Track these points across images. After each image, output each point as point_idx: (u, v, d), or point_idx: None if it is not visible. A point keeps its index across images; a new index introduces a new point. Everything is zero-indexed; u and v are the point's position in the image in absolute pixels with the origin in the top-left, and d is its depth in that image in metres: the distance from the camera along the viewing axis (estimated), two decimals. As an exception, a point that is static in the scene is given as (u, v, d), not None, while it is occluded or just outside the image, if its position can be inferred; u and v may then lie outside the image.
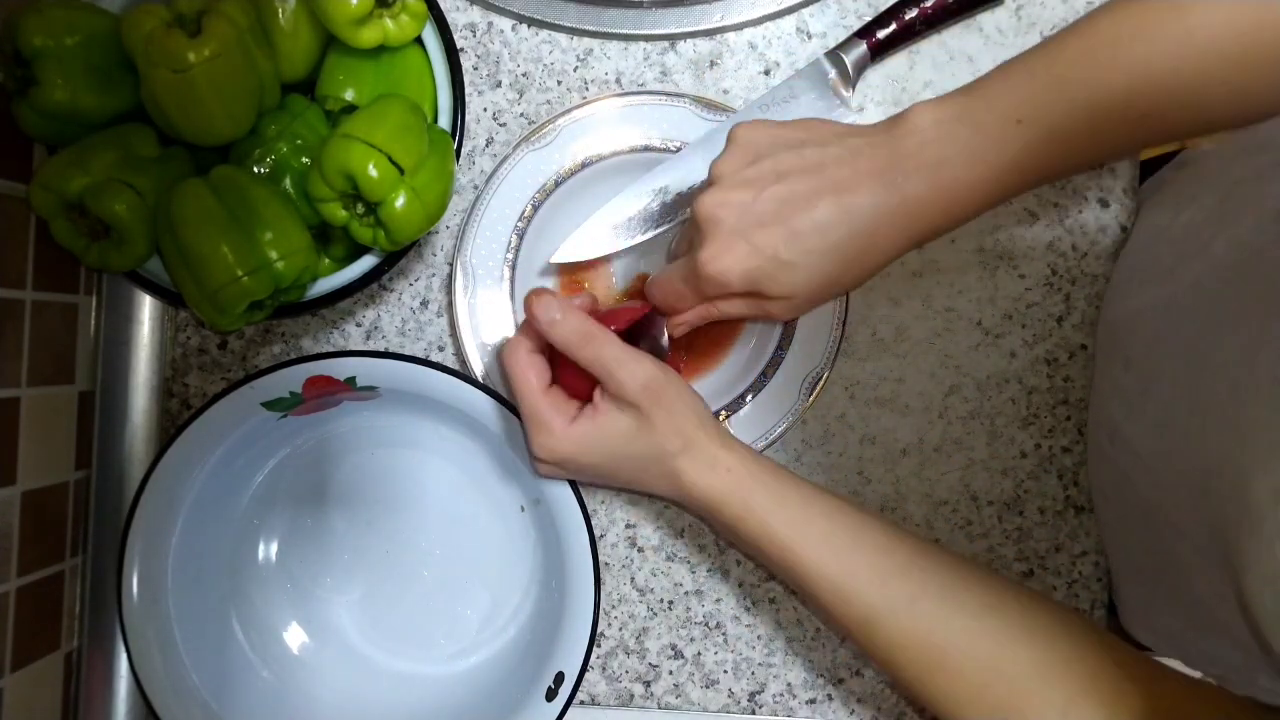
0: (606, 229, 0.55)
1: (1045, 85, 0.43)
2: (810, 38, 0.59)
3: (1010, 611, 0.46)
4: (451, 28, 0.51)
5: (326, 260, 0.54)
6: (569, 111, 0.56)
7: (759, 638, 0.61)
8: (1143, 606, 0.57)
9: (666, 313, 0.51)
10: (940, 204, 0.43)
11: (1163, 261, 0.53)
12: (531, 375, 0.49)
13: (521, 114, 0.60)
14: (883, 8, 0.57)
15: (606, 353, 0.47)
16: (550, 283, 0.60)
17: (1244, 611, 0.37)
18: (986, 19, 0.59)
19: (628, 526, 0.61)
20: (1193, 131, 0.45)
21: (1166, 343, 0.50)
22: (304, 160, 0.51)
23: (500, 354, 0.50)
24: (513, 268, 0.57)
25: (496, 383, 0.57)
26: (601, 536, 0.60)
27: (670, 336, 0.52)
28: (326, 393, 0.54)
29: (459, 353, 0.59)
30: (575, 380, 0.50)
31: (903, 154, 0.43)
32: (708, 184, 0.46)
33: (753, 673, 0.61)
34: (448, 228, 0.60)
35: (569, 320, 0.47)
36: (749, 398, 0.57)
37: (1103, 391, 0.57)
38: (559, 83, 0.59)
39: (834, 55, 0.56)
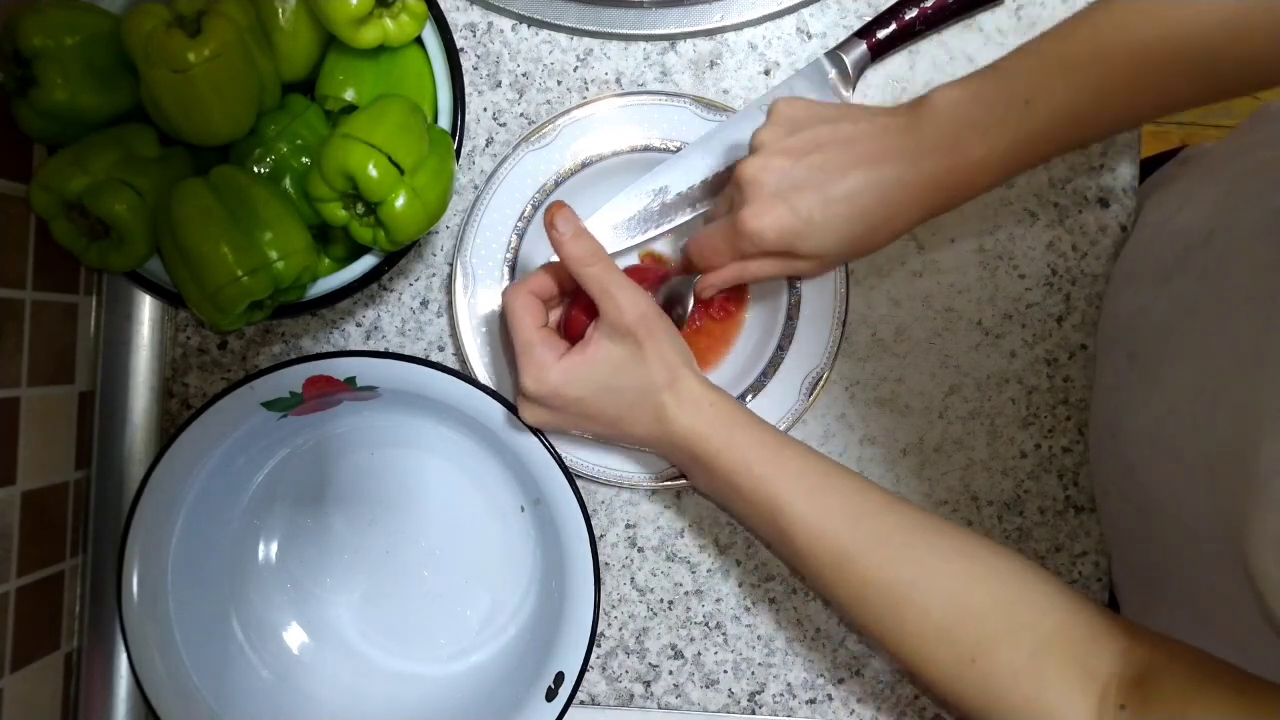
0: (606, 229, 0.55)
1: (1054, 68, 0.46)
2: (810, 38, 0.59)
3: (980, 556, 0.47)
4: (451, 28, 0.52)
5: (326, 260, 0.54)
6: (569, 111, 0.56)
7: (759, 638, 0.61)
8: (1142, 605, 0.57)
9: (703, 269, 0.52)
10: (955, 178, 0.47)
11: (1167, 256, 0.54)
12: (527, 315, 0.51)
13: (521, 114, 0.60)
14: (883, 8, 0.57)
15: (611, 276, 0.49)
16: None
17: (1249, 581, 0.38)
18: (986, 19, 0.59)
19: (628, 526, 0.61)
20: (1200, 103, 0.47)
21: (1173, 335, 0.50)
22: (304, 160, 0.51)
23: (504, 293, 0.52)
24: (512, 268, 0.57)
25: (496, 381, 0.57)
26: (601, 536, 0.60)
27: (697, 299, 0.53)
28: (326, 393, 0.54)
29: (459, 353, 0.59)
30: (579, 329, 0.51)
31: (923, 133, 0.47)
32: (750, 151, 0.49)
33: (753, 673, 0.61)
34: (448, 228, 0.60)
35: (584, 239, 0.49)
36: (749, 398, 0.57)
37: (1105, 387, 0.57)
38: (559, 83, 0.59)
39: (834, 55, 0.56)
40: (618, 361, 0.49)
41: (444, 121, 0.51)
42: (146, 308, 0.59)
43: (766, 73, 0.59)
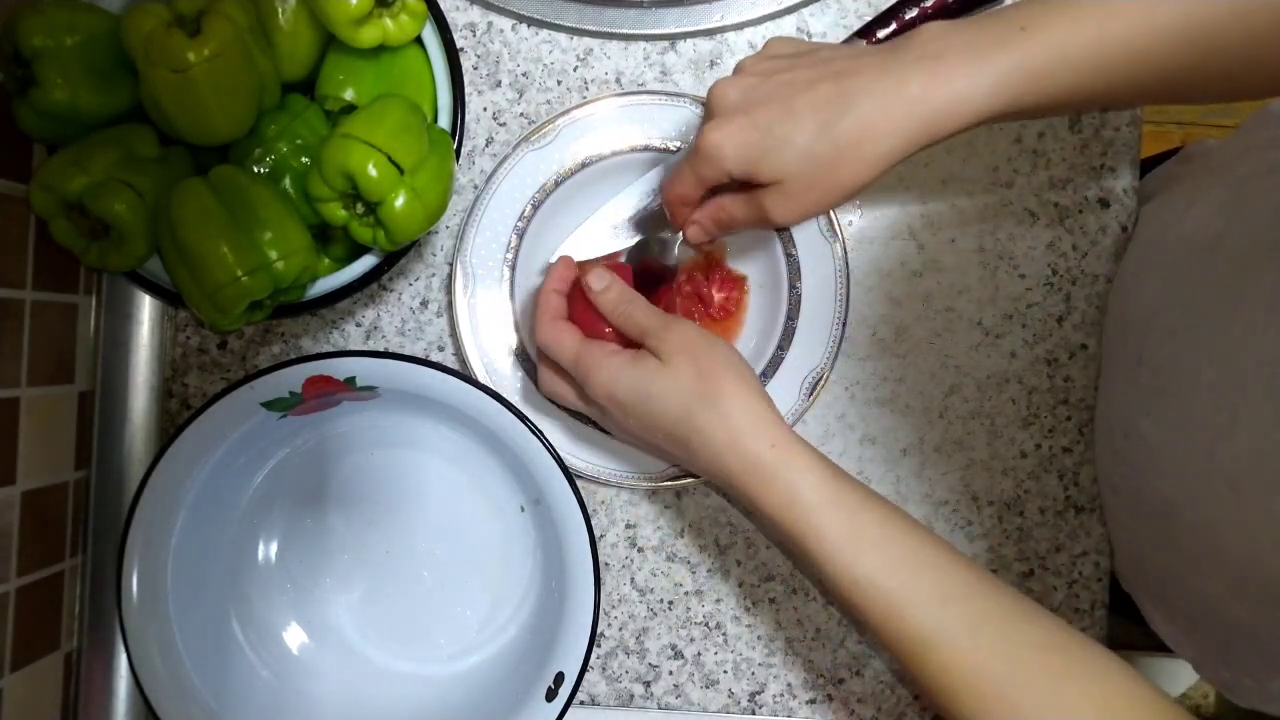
0: (606, 229, 0.55)
1: (1057, 4, 0.42)
2: (810, 37, 0.59)
3: (1073, 650, 0.44)
4: (451, 27, 0.51)
5: (326, 260, 0.54)
6: (569, 111, 0.56)
7: (759, 638, 0.61)
8: (1152, 600, 0.57)
9: (674, 205, 0.50)
10: (938, 98, 0.42)
11: (1173, 257, 0.53)
12: (568, 336, 0.51)
13: (521, 114, 0.60)
14: (883, 8, 0.57)
15: (643, 318, 0.49)
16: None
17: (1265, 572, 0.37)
18: (986, 19, 0.59)
19: (628, 526, 0.61)
20: (1198, 90, 0.44)
21: (1184, 341, 0.49)
22: (304, 160, 0.51)
23: (535, 329, 0.52)
24: (512, 268, 0.57)
25: (497, 384, 0.57)
26: (601, 536, 0.60)
27: (688, 240, 0.51)
28: (326, 393, 0.54)
29: (459, 353, 0.59)
30: (590, 323, 0.52)
31: (905, 51, 0.44)
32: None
33: (753, 673, 0.61)
34: (447, 228, 0.60)
35: (615, 288, 0.51)
36: (749, 398, 0.57)
37: (1114, 388, 0.57)
38: (559, 82, 0.59)
39: None
40: (661, 382, 0.48)
41: (444, 121, 0.51)
42: (146, 308, 0.59)
43: (766, 73, 0.59)
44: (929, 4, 0.56)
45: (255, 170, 0.51)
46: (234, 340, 0.60)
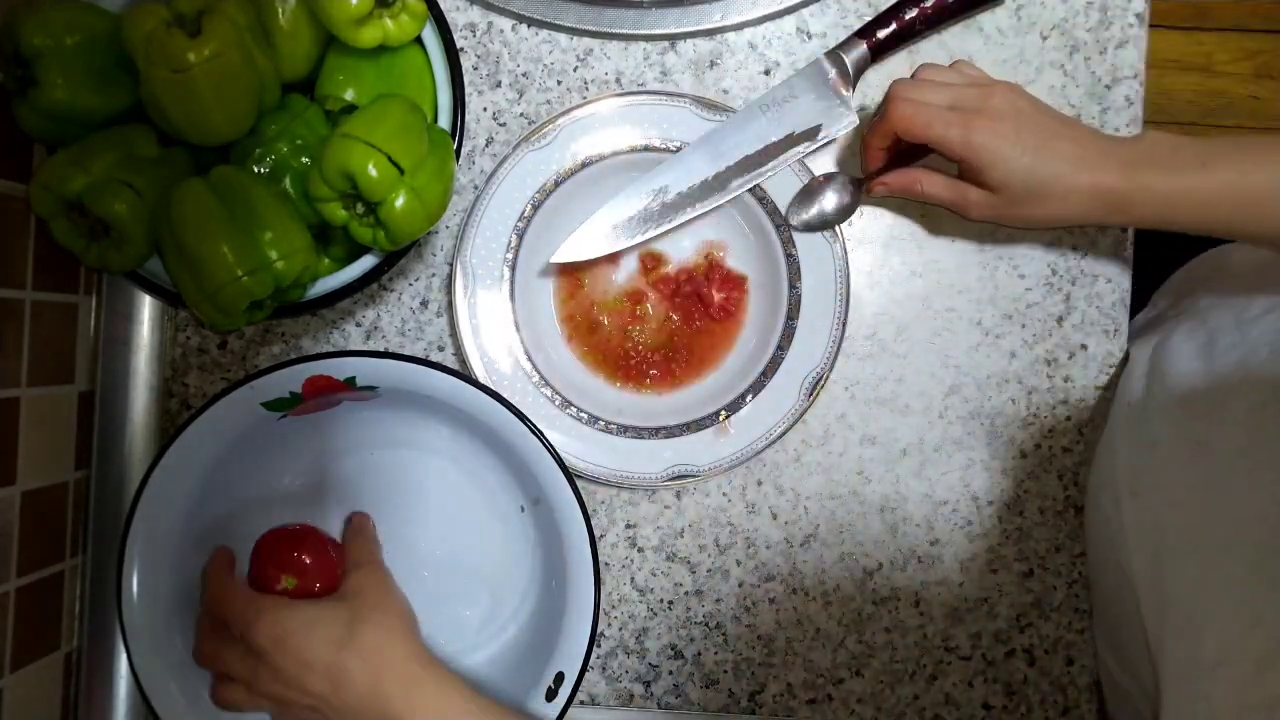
0: (606, 229, 0.55)
1: (1239, 151, 0.50)
2: (810, 38, 0.59)
3: None
4: (451, 27, 0.51)
5: (326, 260, 0.54)
6: (569, 111, 0.56)
7: (759, 638, 0.61)
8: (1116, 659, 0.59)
9: (873, 151, 0.56)
10: (1125, 193, 0.50)
11: (1193, 405, 0.55)
12: (236, 590, 0.53)
13: (521, 114, 0.60)
14: (883, 8, 0.57)
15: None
16: (550, 283, 0.60)
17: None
18: (986, 19, 0.59)
19: (628, 526, 0.61)
20: None
21: (1182, 484, 0.52)
22: (304, 160, 0.51)
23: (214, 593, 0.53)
24: (512, 268, 0.57)
25: (497, 384, 0.57)
26: (601, 536, 0.60)
27: (868, 192, 0.57)
28: (326, 393, 0.54)
29: (459, 353, 0.59)
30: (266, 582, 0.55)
31: (1120, 145, 0.51)
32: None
33: (753, 673, 0.61)
34: (447, 228, 0.60)
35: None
36: (749, 398, 0.57)
37: (1118, 462, 0.58)
38: (559, 83, 0.59)
39: (834, 55, 0.56)
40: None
41: (444, 121, 0.51)
42: (146, 308, 0.59)
43: (766, 73, 0.59)
44: (929, 4, 0.56)
45: (255, 170, 0.51)
46: (234, 340, 0.60)
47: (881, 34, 0.56)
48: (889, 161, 0.56)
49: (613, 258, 0.59)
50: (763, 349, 0.58)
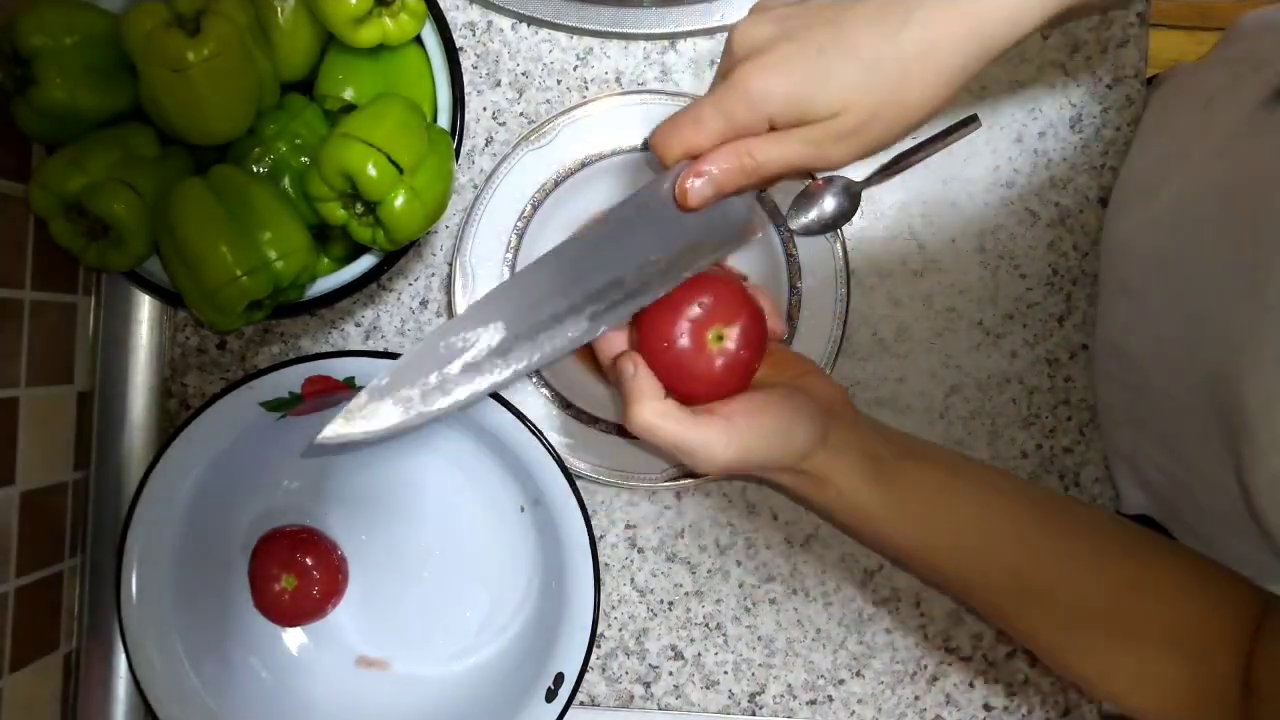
0: (388, 402, 0.48)
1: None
2: (810, 37, 0.59)
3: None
4: (451, 26, 0.51)
5: (326, 260, 0.54)
6: (569, 111, 0.56)
7: (759, 639, 0.61)
8: (1163, 517, 0.58)
9: (674, 158, 0.43)
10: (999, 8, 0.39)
11: (1149, 178, 0.53)
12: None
13: (521, 113, 0.59)
14: (883, 7, 0.57)
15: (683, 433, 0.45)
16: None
17: (1251, 514, 0.39)
18: (987, 18, 0.59)
19: (628, 527, 0.61)
20: None
21: (1155, 258, 0.50)
22: (303, 160, 0.51)
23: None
24: (512, 268, 0.57)
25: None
26: (601, 537, 0.60)
27: (682, 205, 0.44)
28: (325, 393, 0.54)
29: (459, 353, 0.59)
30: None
31: None
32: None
33: (753, 674, 0.61)
34: (447, 227, 0.60)
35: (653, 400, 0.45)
36: (749, 398, 0.57)
37: (1106, 316, 0.57)
38: (559, 82, 0.59)
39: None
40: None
41: (443, 121, 0.51)
42: (146, 308, 0.59)
43: (767, 72, 0.59)
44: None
45: (254, 170, 0.51)
46: (233, 340, 0.60)
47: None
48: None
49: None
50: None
